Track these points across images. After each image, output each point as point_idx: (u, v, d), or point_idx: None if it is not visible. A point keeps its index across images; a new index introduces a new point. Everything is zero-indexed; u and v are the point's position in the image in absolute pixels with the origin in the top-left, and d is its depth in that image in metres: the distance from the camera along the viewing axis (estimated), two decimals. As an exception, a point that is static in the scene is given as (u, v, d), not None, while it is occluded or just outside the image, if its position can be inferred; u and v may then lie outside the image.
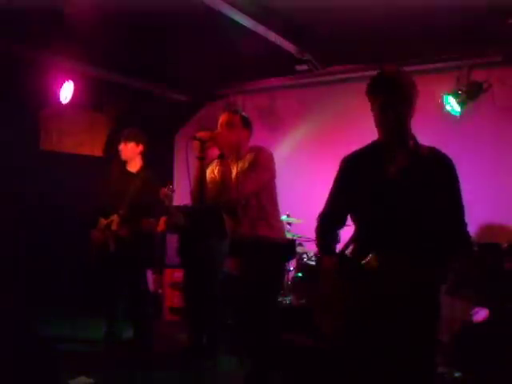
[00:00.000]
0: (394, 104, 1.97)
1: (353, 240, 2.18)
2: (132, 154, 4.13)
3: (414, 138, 2.06)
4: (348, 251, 2.18)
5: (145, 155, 4.21)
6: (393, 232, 1.98)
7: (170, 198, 3.89)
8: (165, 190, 3.85)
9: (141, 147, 4.14)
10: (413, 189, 1.97)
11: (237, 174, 2.92)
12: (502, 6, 3.50)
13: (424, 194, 1.94)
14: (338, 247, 2.27)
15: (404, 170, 2.00)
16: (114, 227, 4.03)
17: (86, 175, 5.22)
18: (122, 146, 4.11)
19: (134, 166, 4.17)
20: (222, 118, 2.97)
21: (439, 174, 1.97)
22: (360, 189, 2.10)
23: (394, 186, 2.00)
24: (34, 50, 4.48)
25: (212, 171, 3.03)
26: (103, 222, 4.10)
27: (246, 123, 3.02)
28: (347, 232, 2.24)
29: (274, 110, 5.73)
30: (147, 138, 4.20)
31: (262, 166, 2.89)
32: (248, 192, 2.82)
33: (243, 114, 3.05)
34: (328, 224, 2.28)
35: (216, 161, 3.04)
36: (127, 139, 4.09)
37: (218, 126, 2.97)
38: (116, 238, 4.01)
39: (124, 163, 4.19)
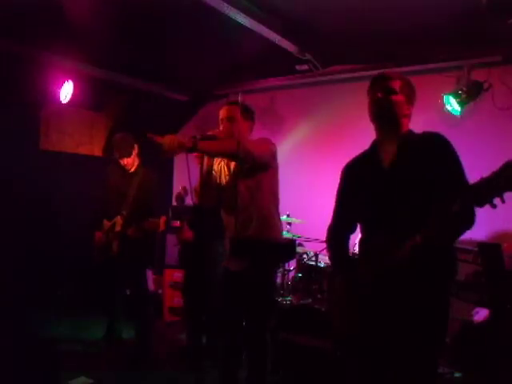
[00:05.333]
0: (380, 98, 2.04)
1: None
2: (134, 160, 4.14)
3: (408, 130, 2.10)
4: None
5: (140, 152, 4.21)
6: (392, 221, 1.96)
7: (182, 199, 3.90)
8: (179, 191, 3.86)
9: (136, 149, 4.15)
10: (406, 172, 1.98)
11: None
12: (502, 7, 3.50)
13: (420, 175, 1.93)
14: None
15: (395, 157, 2.03)
16: (117, 228, 4.03)
17: (85, 175, 5.22)
18: (125, 161, 4.08)
19: (132, 165, 4.18)
20: (222, 113, 2.96)
21: (431, 151, 1.96)
22: (360, 187, 2.13)
23: (388, 174, 2.03)
24: (34, 50, 4.48)
25: (214, 169, 3.04)
26: (107, 224, 4.11)
27: (247, 114, 2.98)
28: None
29: (274, 110, 5.73)
30: (141, 136, 4.19)
31: (263, 140, 2.92)
32: (254, 152, 2.71)
33: (243, 104, 3.00)
34: (338, 234, 2.30)
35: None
36: (127, 154, 4.05)
37: (219, 121, 2.96)
38: (120, 239, 4.02)
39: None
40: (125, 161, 4.08)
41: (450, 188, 1.80)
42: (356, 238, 2.38)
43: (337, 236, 2.30)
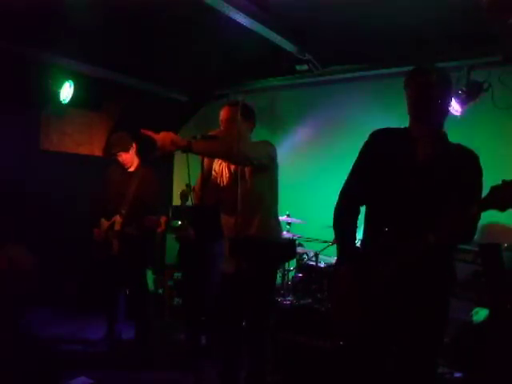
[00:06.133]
0: (418, 93, 2.02)
1: (366, 220, 2.18)
2: (132, 158, 4.15)
3: (444, 132, 2.11)
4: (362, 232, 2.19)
5: (139, 151, 4.21)
6: (413, 214, 1.98)
7: (186, 197, 3.91)
8: (183, 190, 3.87)
9: (134, 146, 4.15)
10: (439, 174, 1.99)
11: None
12: (502, 6, 3.50)
13: (449, 181, 1.96)
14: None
15: (433, 156, 2.03)
16: (116, 227, 4.03)
17: (85, 175, 5.23)
18: (122, 157, 4.10)
19: (131, 163, 4.18)
20: (222, 114, 2.96)
21: (465, 163, 2.00)
22: (385, 167, 2.09)
23: (422, 170, 2.02)
24: (34, 50, 4.48)
25: (214, 170, 3.04)
26: (105, 223, 4.11)
27: (247, 115, 2.97)
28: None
29: (274, 109, 5.73)
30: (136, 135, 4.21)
31: (262, 143, 2.91)
32: (250, 155, 2.70)
33: (244, 104, 2.99)
34: (349, 202, 2.23)
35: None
36: (124, 149, 4.08)
37: (220, 122, 2.96)
38: (120, 238, 4.01)
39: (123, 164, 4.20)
40: (122, 156, 4.09)
41: (467, 201, 1.84)
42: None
43: (348, 204, 2.22)
